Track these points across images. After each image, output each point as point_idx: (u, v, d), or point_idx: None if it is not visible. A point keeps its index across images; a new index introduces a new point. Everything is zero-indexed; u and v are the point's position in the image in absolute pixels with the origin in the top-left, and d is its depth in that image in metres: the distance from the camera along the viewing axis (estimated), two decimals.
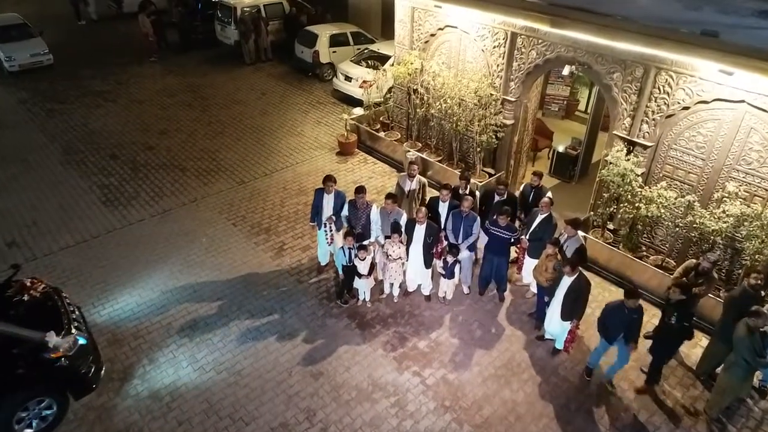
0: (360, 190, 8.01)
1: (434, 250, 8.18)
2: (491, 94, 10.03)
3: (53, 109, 14.55)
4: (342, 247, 7.93)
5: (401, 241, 7.91)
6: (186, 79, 16.69)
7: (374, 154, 12.59)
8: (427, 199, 8.92)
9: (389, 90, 12.93)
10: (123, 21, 21.73)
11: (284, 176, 11.78)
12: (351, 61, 15.14)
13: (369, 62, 13.01)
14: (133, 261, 9.22)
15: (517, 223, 8.35)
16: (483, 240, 8.45)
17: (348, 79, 14.79)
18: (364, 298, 8.40)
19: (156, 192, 11.15)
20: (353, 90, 14.52)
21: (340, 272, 8.18)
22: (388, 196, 8.00)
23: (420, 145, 11.99)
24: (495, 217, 7.90)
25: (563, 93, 14.26)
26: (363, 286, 8.19)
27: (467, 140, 10.99)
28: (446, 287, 8.31)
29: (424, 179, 9.04)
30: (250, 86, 16.32)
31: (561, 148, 11.55)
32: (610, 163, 8.50)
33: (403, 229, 7.95)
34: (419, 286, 8.51)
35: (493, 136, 10.16)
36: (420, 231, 7.80)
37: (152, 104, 14.98)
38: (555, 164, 11.63)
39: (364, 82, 13.27)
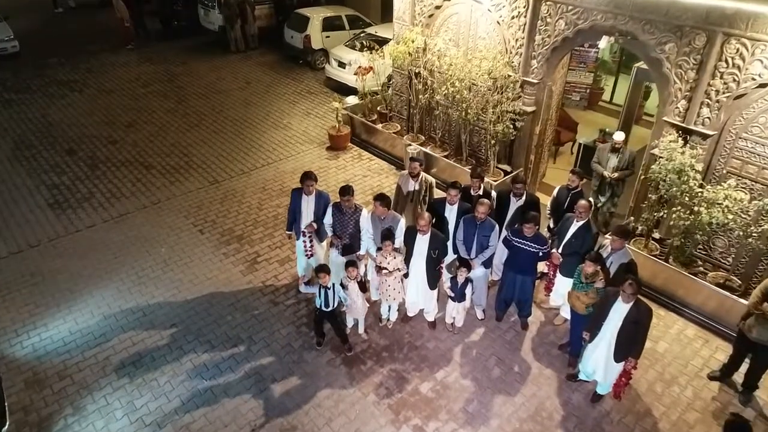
0: (346, 190, 6.35)
1: (440, 267, 6.52)
2: (508, 76, 8.34)
3: (11, 100, 12.93)
4: (318, 285, 6.15)
5: (396, 250, 6.25)
6: (163, 68, 15.06)
7: (370, 149, 10.92)
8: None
9: (388, 78, 11.26)
10: (103, 9, 20.09)
11: (264, 174, 10.12)
12: (345, 45, 13.47)
13: (365, 46, 11.39)
14: (74, 276, 7.57)
15: (544, 232, 6.67)
16: (499, 254, 6.80)
17: (342, 65, 13.14)
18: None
19: (113, 193, 9.50)
20: (347, 77, 12.86)
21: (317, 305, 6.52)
22: (378, 197, 6.32)
23: (423, 138, 10.32)
24: (518, 225, 6.24)
25: (586, 80, 12.57)
26: (357, 313, 6.50)
27: (478, 132, 9.31)
28: (455, 312, 6.62)
29: (431, 178, 7.35)
30: (233, 75, 14.68)
31: (589, 141, 9.85)
32: (660, 157, 6.81)
33: (399, 240, 6.29)
34: (421, 310, 6.84)
35: (511, 126, 8.47)
36: (422, 243, 6.14)
37: (122, 94, 13.35)
38: (581, 160, 9.93)
39: (360, 68, 11.59)
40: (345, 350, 6.51)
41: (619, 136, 7.88)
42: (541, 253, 6.22)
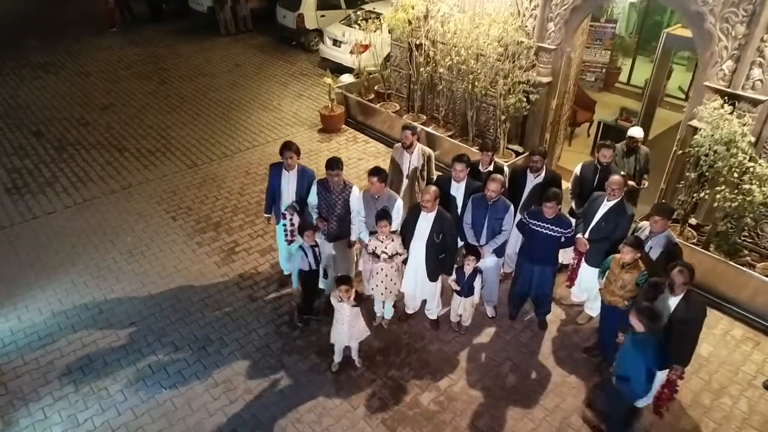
0: (333, 164, 5.37)
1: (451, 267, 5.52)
2: (520, 42, 7.35)
3: None
4: (301, 245, 5.31)
5: (393, 233, 5.26)
6: (147, 50, 14.08)
7: (366, 131, 9.93)
8: (434, 178, 6.26)
9: (387, 57, 10.28)
10: None
11: (249, 157, 9.14)
12: (341, 23, 12.49)
13: (361, 18, 10.42)
14: (24, 268, 6.61)
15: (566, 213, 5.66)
16: (513, 242, 5.82)
17: (337, 43, 12.15)
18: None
19: (79, 177, 8.53)
20: (343, 57, 11.86)
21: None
22: (374, 171, 5.33)
23: (424, 117, 9.33)
24: (536, 207, 5.24)
25: (602, 59, 11.55)
26: (350, 338, 5.18)
27: (486, 109, 8.32)
28: (462, 309, 5.63)
29: (429, 150, 6.35)
30: (221, 57, 13.69)
31: (610, 120, 8.84)
32: (701, 132, 5.81)
33: (396, 222, 5.30)
34: (423, 304, 5.83)
35: (524, 99, 7.47)
36: (424, 222, 5.14)
37: (101, 77, 12.38)
38: (601, 140, 8.89)
39: (356, 45, 10.57)
40: (298, 322, 5.80)
41: (637, 132, 6.31)
42: (563, 239, 5.21)
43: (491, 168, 5.89)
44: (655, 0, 12.18)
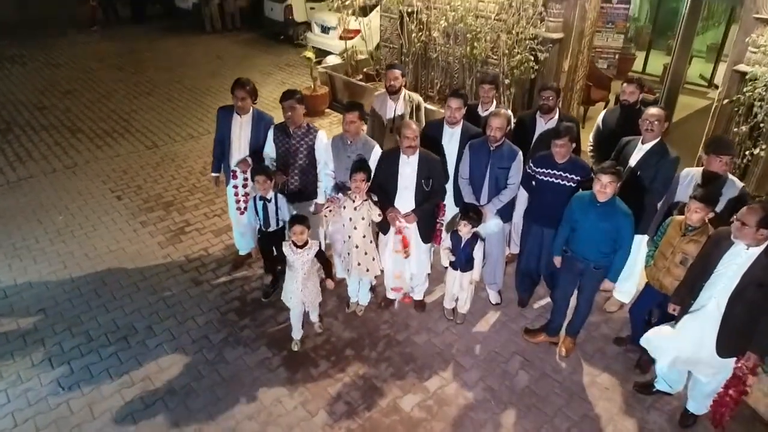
0: (289, 94, 4.24)
1: (438, 215, 4.35)
2: None
3: None
4: (255, 197, 4.16)
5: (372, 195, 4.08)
6: (126, 45, 13.17)
7: None
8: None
9: (377, 46, 9.28)
10: None
11: None
12: (329, 10, 11.56)
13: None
14: None
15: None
16: (521, 210, 4.59)
17: (325, 30, 11.23)
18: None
19: (19, 156, 7.42)
20: (332, 44, 10.89)
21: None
22: (350, 107, 4.17)
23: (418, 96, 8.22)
24: (543, 153, 4.06)
25: (615, 44, 10.52)
26: (305, 300, 4.14)
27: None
28: (458, 287, 4.36)
29: (417, 97, 5.18)
30: (204, 51, 12.75)
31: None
32: (750, 77, 4.67)
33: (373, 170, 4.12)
34: (410, 279, 4.55)
35: (531, 58, 6.37)
36: (408, 168, 3.97)
37: (71, 68, 11.41)
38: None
39: (345, 30, 9.59)
40: (263, 297, 4.66)
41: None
42: (582, 189, 4.00)
43: (493, 104, 4.72)
44: None
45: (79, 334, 4.39)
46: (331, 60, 9.59)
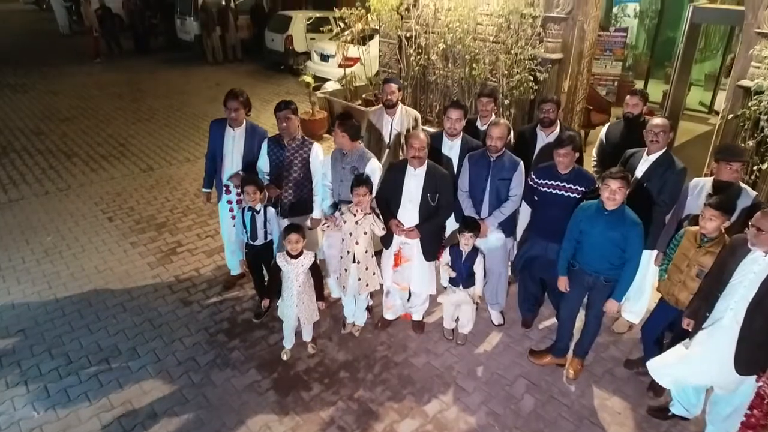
0: (284, 104, 4.13)
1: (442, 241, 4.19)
2: (523, 15, 6.30)
3: None
4: (243, 207, 4.01)
5: (374, 209, 3.93)
6: (127, 75, 13.29)
7: None
8: None
9: (376, 73, 9.31)
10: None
11: None
12: (329, 39, 11.69)
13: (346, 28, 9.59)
14: None
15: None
16: (523, 216, 4.43)
17: (325, 58, 11.31)
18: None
19: (12, 179, 7.31)
20: (332, 72, 10.94)
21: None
22: (342, 118, 4.06)
23: None
24: (546, 164, 3.91)
25: (613, 71, 10.56)
26: (300, 314, 3.96)
27: None
28: (455, 307, 4.15)
29: (415, 113, 5.07)
30: (203, 79, 12.87)
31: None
32: (759, 80, 4.58)
33: (375, 188, 3.98)
34: (411, 297, 4.34)
35: (530, 78, 6.32)
36: (415, 181, 3.82)
37: (71, 95, 11.45)
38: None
39: (344, 58, 9.64)
40: (254, 318, 4.44)
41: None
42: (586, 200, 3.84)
43: (493, 114, 4.60)
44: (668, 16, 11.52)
45: (58, 356, 4.15)
46: (330, 86, 9.60)
